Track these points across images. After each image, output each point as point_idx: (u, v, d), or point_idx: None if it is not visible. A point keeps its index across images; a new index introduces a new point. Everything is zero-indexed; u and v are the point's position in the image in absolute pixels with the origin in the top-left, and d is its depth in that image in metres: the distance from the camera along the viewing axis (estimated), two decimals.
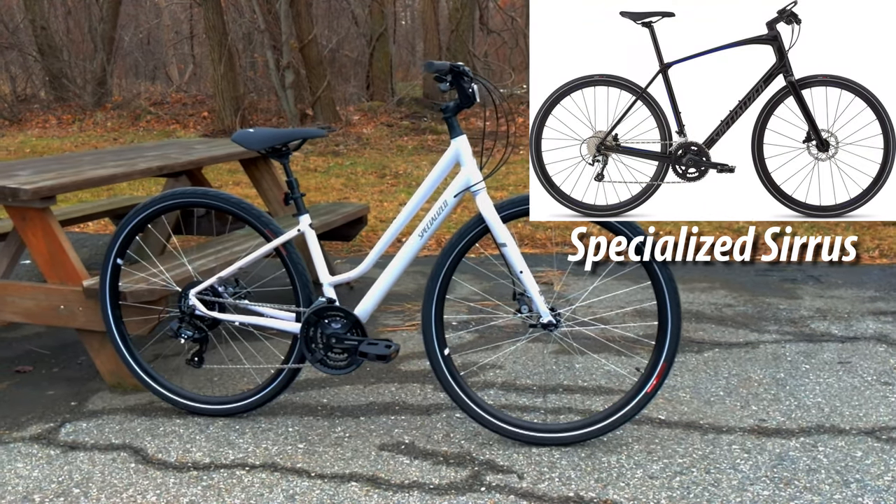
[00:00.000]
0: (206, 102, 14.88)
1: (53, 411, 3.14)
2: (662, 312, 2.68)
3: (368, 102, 13.01)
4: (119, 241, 3.00)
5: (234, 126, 11.79)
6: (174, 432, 2.93)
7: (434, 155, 10.37)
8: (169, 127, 13.37)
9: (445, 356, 2.76)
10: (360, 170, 9.35)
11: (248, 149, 2.82)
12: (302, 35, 11.50)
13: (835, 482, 2.48)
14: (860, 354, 3.52)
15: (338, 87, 13.21)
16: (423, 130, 11.45)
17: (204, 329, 2.96)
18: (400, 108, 12.35)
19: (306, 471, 2.63)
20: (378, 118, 12.12)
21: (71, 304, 3.25)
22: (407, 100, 12.57)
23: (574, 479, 2.54)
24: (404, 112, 12.20)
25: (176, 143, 4.89)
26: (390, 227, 2.81)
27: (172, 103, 14.83)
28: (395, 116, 12.10)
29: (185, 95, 15.33)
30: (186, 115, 14.12)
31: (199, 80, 17.89)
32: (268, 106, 13.24)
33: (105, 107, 14.89)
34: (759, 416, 2.95)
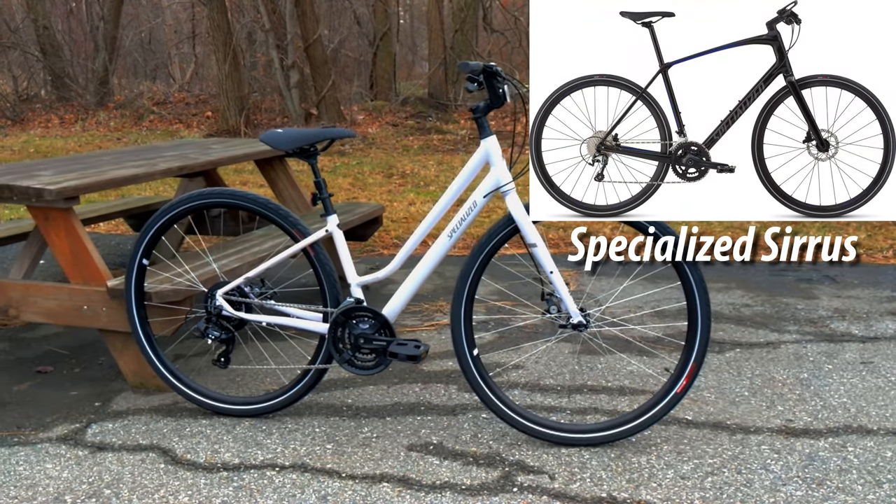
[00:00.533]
0: (209, 102, 14.87)
1: (78, 412, 3.14)
2: (692, 313, 2.68)
3: (372, 102, 13.00)
4: (145, 242, 2.99)
5: (239, 126, 11.78)
6: (201, 433, 2.92)
7: (440, 154, 10.38)
8: (172, 126, 13.35)
9: (475, 356, 2.75)
10: (366, 169, 9.34)
11: (277, 149, 2.82)
12: (307, 34, 11.49)
13: (867, 482, 2.49)
14: (882, 355, 3.52)
15: (341, 87, 13.20)
16: (428, 130, 11.44)
17: (230, 329, 2.96)
18: (404, 108, 12.35)
19: (336, 471, 2.63)
20: (383, 118, 12.12)
21: (94, 304, 3.25)
22: (412, 99, 12.56)
23: (606, 480, 2.54)
24: (409, 112, 12.20)
25: (192, 143, 4.88)
26: (419, 228, 2.80)
27: (175, 103, 14.81)
28: (399, 116, 12.10)
29: (188, 95, 15.32)
30: (190, 114, 14.11)
31: (202, 79, 17.87)
32: (271, 106, 13.23)
33: (107, 106, 14.88)
34: (786, 416, 2.96)
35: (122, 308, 3.18)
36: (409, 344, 2.76)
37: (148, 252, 3.02)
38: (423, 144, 10.93)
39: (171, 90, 15.69)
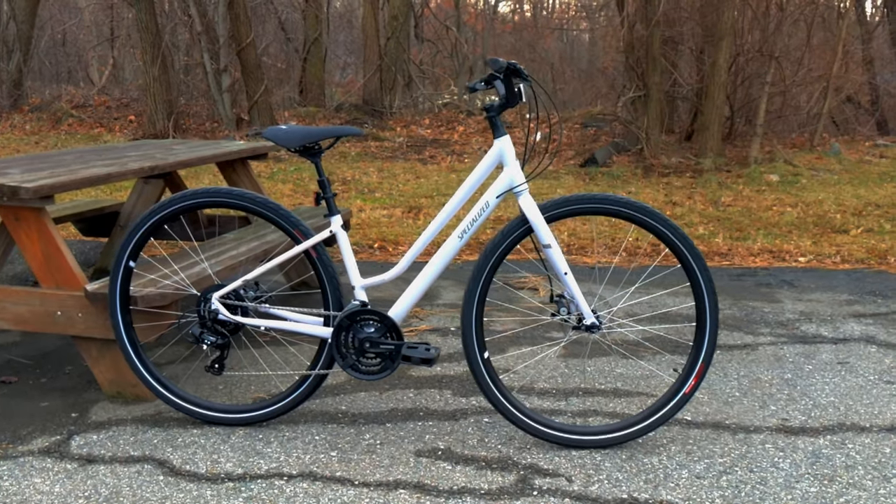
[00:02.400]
0: (131, 106, 14.41)
1: (54, 423, 2.96)
2: (701, 314, 2.70)
3: (304, 108, 12.81)
4: (133, 243, 2.85)
5: (167, 130, 11.44)
6: (195, 443, 2.79)
7: (379, 161, 10.30)
8: (93, 130, 12.88)
9: (485, 360, 2.71)
10: (306, 175, 9.20)
11: (282, 146, 2.72)
12: (239, 38, 11.25)
13: (875, 478, 2.55)
14: (855, 355, 3.63)
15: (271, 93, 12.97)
16: (364, 137, 11.34)
17: (226, 334, 2.84)
18: (339, 115, 12.21)
19: (348, 479, 2.54)
20: (316, 124, 11.95)
21: (69, 309, 3.08)
22: (346, 106, 12.44)
23: (623, 481, 2.53)
24: (343, 118, 12.07)
25: (151, 144, 4.70)
26: (428, 229, 2.74)
27: (96, 106, 14.29)
28: (334, 122, 11.95)
29: (109, 98, 14.80)
30: (111, 118, 13.63)
31: (121, 82, 17.32)
32: (197, 110, 12.91)
33: (22, 109, 14.26)
34: (780, 415, 3.01)
35: (100, 313, 3.02)
36: (420, 347, 2.70)
37: (135, 254, 2.87)
38: (360, 151, 10.83)
39: (90, 93, 15.13)
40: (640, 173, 8.67)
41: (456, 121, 12.53)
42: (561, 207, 2.65)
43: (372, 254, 5.66)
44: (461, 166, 9.99)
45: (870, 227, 6.43)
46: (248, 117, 11.64)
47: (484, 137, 11.61)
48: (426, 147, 11.10)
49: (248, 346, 3.60)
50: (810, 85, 10.07)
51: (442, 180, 8.91)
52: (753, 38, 9.29)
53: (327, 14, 14.38)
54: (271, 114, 11.71)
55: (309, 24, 14.03)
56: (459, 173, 9.38)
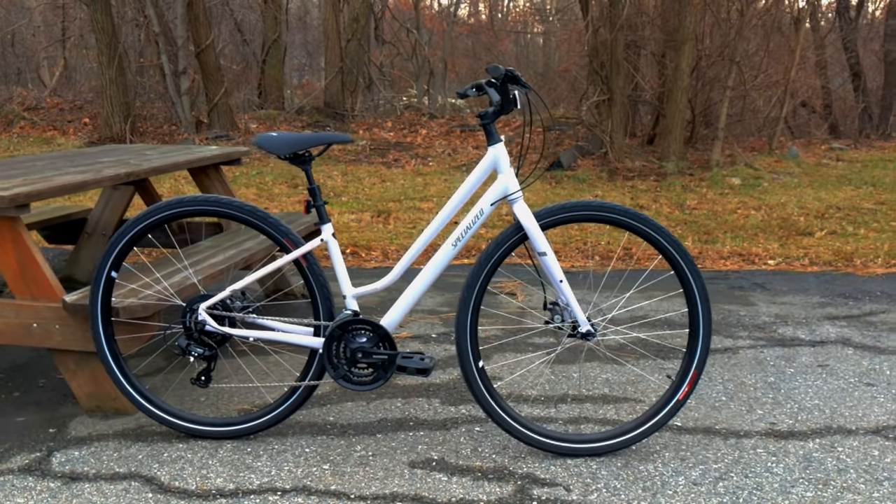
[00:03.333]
0: (85, 108, 14.11)
1: (32, 439, 2.86)
2: (694, 320, 2.70)
3: (264, 111, 12.67)
4: (115, 252, 2.76)
5: (124, 133, 11.22)
6: (182, 457, 2.72)
7: (343, 165, 10.22)
8: (47, 133, 12.58)
9: (480, 368, 2.69)
10: (269, 179, 9.10)
11: (273, 153, 2.66)
12: (198, 40, 11.08)
13: (867, 481, 2.57)
14: (834, 357, 3.68)
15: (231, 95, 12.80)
16: None
17: (213, 346, 2.77)
18: (300, 118, 12.09)
19: (343, 493, 2.50)
20: (277, 127, 11.83)
21: (46, 321, 2.98)
22: (307, 108, 12.32)
23: (621, 489, 2.52)
24: (305, 121, 11.96)
25: (122, 149, 4.58)
26: (421, 237, 2.71)
27: (49, 108, 13.96)
28: (296, 125, 11.84)
29: (62, 101, 14.47)
30: (65, 121, 13.33)
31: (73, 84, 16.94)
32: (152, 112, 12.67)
33: None
34: (768, 419, 3.03)
35: (78, 325, 2.93)
36: (414, 357, 2.66)
37: (118, 264, 2.79)
38: (323, 154, 10.72)
39: (42, 95, 14.78)
40: (605, 177, 8.72)
41: (419, 123, 12.49)
42: (556, 215, 2.63)
43: (345, 259, 5.59)
44: (426, 170, 9.96)
45: (833, 229, 6.55)
46: (208, 120, 11.47)
47: (447, 140, 11.59)
48: (390, 150, 11.04)
49: (233, 357, 3.53)
50: (768, 89, 10.23)
51: (408, 184, 8.87)
52: (714, 43, 9.41)
53: (286, 15, 14.23)
54: (231, 117, 11.55)
55: (268, 25, 13.87)
56: (425, 177, 9.35)
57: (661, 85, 9.34)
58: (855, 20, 14.06)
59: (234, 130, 11.38)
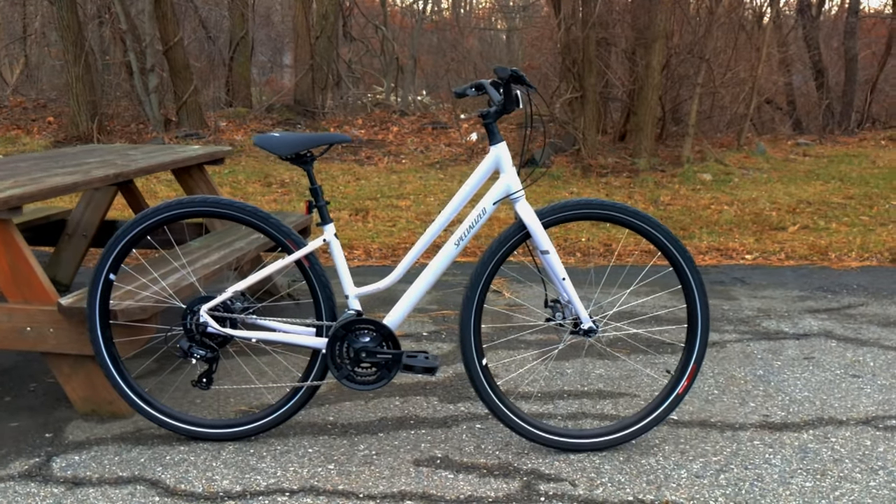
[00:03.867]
0: (49, 107, 13.85)
1: (29, 444, 2.83)
2: (692, 315, 2.75)
3: (233, 109, 12.56)
4: (113, 255, 2.74)
5: (91, 132, 11.04)
6: (185, 460, 2.70)
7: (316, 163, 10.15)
8: (10, 132, 12.34)
9: (483, 366, 2.70)
10: (241, 178, 9.02)
11: (275, 154, 2.66)
12: (167, 37, 10.96)
13: (863, 470, 2.64)
14: (819, 350, 3.76)
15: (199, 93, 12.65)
16: None
17: (215, 347, 2.76)
18: (270, 115, 12.01)
19: (352, 492, 2.50)
20: (248, 125, 11.73)
21: (40, 325, 2.95)
22: (277, 106, 12.23)
23: (626, 483, 2.56)
24: (275, 119, 11.87)
25: (103, 149, 4.52)
26: (423, 236, 2.72)
27: (11, 107, 13.70)
28: (266, 123, 11.75)
29: (24, 99, 14.21)
30: (28, 120, 13.08)
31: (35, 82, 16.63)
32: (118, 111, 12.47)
33: None
34: (761, 411, 3.09)
35: (73, 328, 2.90)
36: (419, 356, 2.68)
37: (116, 266, 2.76)
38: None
39: (5, 93, 14.49)
40: (578, 173, 8.79)
41: (389, 121, 12.47)
42: (558, 213, 2.66)
43: (327, 259, 5.57)
44: (400, 167, 9.95)
45: (805, 223, 6.68)
46: (177, 118, 11.34)
47: (419, 138, 11.59)
48: (362, 148, 11.01)
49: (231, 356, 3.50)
50: (736, 87, 10.38)
51: (384, 182, 8.86)
52: (684, 41, 9.53)
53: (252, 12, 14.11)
54: (201, 115, 11.43)
55: (235, 22, 13.74)
56: (400, 174, 9.34)
57: (633, 82, 9.43)
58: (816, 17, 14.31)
59: (204, 129, 11.26)
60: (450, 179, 8.87)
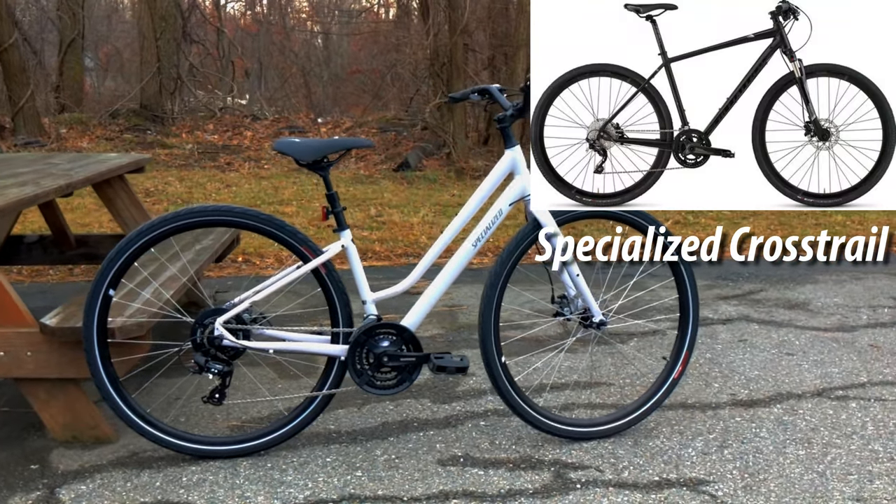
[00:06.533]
0: None
1: (17, 478, 2.61)
2: (684, 304, 2.97)
3: (71, 114, 11.77)
4: (115, 269, 2.59)
5: None
6: (204, 479, 2.60)
7: (175, 170, 9.76)
8: None
9: (503, 364, 2.78)
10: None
11: (297, 159, 2.60)
12: (1, 39, 10.14)
13: (840, 435, 2.94)
14: (747, 333, 4.11)
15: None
16: (150, 144, 10.68)
17: (228, 361, 2.66)
18: (116, 121, 11.37)
19: (395, 496, 2.51)
20: (92, 132, 11.05)
21: (16, 348, 2.74)
22: (123, 111, 11.59)
23: (645, 465, 2.72)
24: (122, 125, 11.26)
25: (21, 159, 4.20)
26: (440, 239, 2.76)
27: None
28: (112, 130, 11.12)
29: None
30: None
31: None
32: None
33: None
34: (727, 391, 3.36)
35: (54, 350, 2.72)
36: (445, 357, 2.71)
37: (116, 280, 2.61)
38: (151, 161, 10.17)
39: None
40: (453, 176, 8.98)
41: (242, 125, 12.15)
42: (571, 212, 2.78)
43: (239, 268, 5.43)
44: (265, 173, 9.74)
45: (677, 219, 7.18)
46: (12, 125, 10.52)
47: None
48: (219, 154, 10.67)
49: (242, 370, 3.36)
50: None
51: (255, 187, 8.65)
52: None
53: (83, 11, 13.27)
54: (38, 121, 10.66)
55: (64, 23, 12.89)
56: (269, 180, 9.14)
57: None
58: None
59: (44, 136, 10.51)
60: None
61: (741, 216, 7.19)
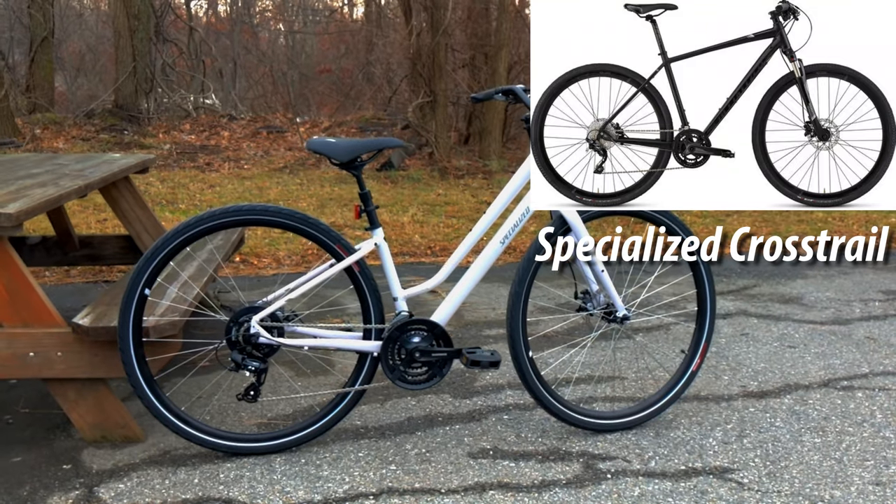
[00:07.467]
0: None
1: (51, 478, 2.62)
2: (702, 299, 3.06)
3: (44, 115, 11.62)
4: (151, 267, 2.60)
5: None
6: (241, 476, 2.63)
7: (156, 171, 9.68)
8: None
9: (530, 358, 2.84)
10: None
11: (333, 159, 2.64)
12: None
13: (852, 424, 3.05)
14: (748, 327, 4.22)
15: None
16: (128, 145, 10.58)
17: (263, 358, 2.69)
18: (92, 121, 11.25)
19: (433, 489, 2.56)
20: (68, 132, 10.93)
21: (45, 349, 2.74)
22: (99, 111, 11.47)
23: (670, 456, 2.80)
24: (98, 125, 11.14)
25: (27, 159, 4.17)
26: (468, 237, 2.81)
27: None
28: (89, 130, 11.00)
29: None
30: None
31: None
32: None
33: None
34: (738, 383, 3.45)
35: (85, 350, 2.73)
36: (477, 352, 2.76)
37: (152, 279, 2.63)
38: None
39: None
40: (437, 175, 9.03)
41: (219, 125, 12.08)
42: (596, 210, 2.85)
43: (237, 268, 5.43)
44: (246, 173, 9.72)
45: None
46: None
47: (255, 142, 11.33)
48: (198, 154, 10.61)
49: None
50: None
51: (239, 188, 8.63)
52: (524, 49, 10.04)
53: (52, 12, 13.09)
54: (13, 122, 10.53)
55: (35, 21, 12.71)
56: (252, 181, 9.13)
57: (480, 88, 9.81)
58: None
59: (19, 136, 10.38)
60: (311, 184, 8.78)
61: (724, 214, 7.34)
